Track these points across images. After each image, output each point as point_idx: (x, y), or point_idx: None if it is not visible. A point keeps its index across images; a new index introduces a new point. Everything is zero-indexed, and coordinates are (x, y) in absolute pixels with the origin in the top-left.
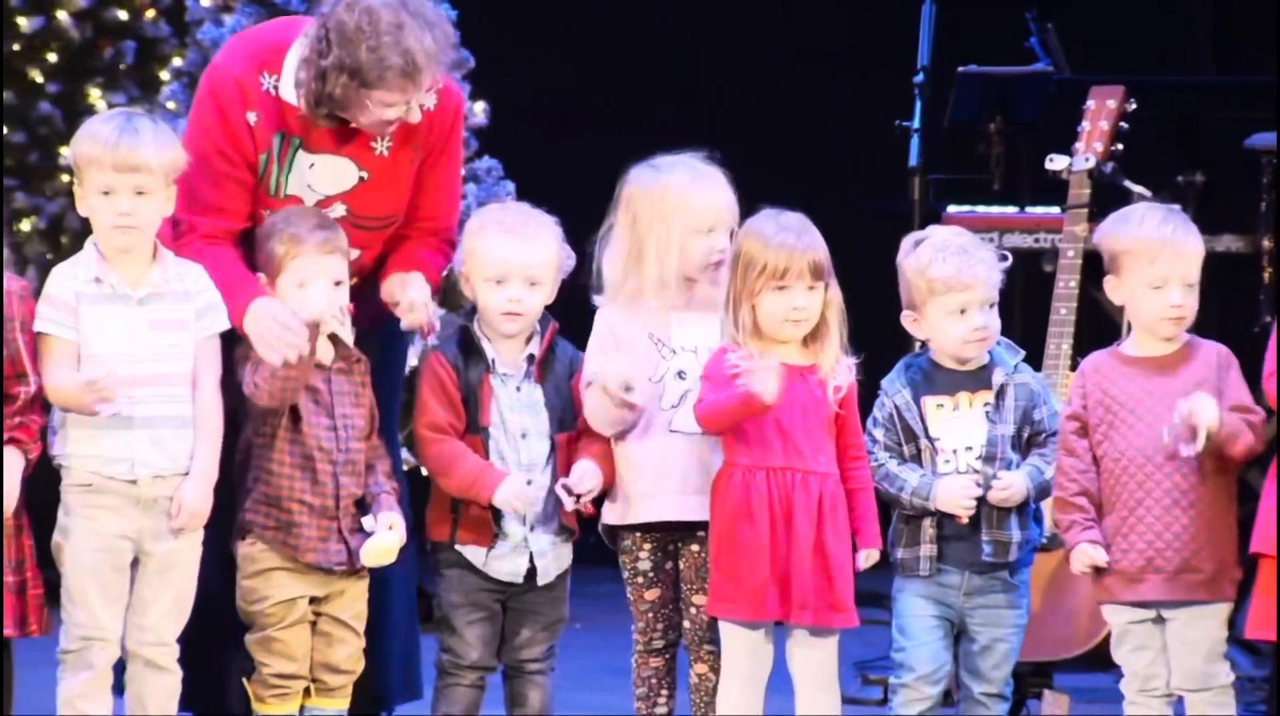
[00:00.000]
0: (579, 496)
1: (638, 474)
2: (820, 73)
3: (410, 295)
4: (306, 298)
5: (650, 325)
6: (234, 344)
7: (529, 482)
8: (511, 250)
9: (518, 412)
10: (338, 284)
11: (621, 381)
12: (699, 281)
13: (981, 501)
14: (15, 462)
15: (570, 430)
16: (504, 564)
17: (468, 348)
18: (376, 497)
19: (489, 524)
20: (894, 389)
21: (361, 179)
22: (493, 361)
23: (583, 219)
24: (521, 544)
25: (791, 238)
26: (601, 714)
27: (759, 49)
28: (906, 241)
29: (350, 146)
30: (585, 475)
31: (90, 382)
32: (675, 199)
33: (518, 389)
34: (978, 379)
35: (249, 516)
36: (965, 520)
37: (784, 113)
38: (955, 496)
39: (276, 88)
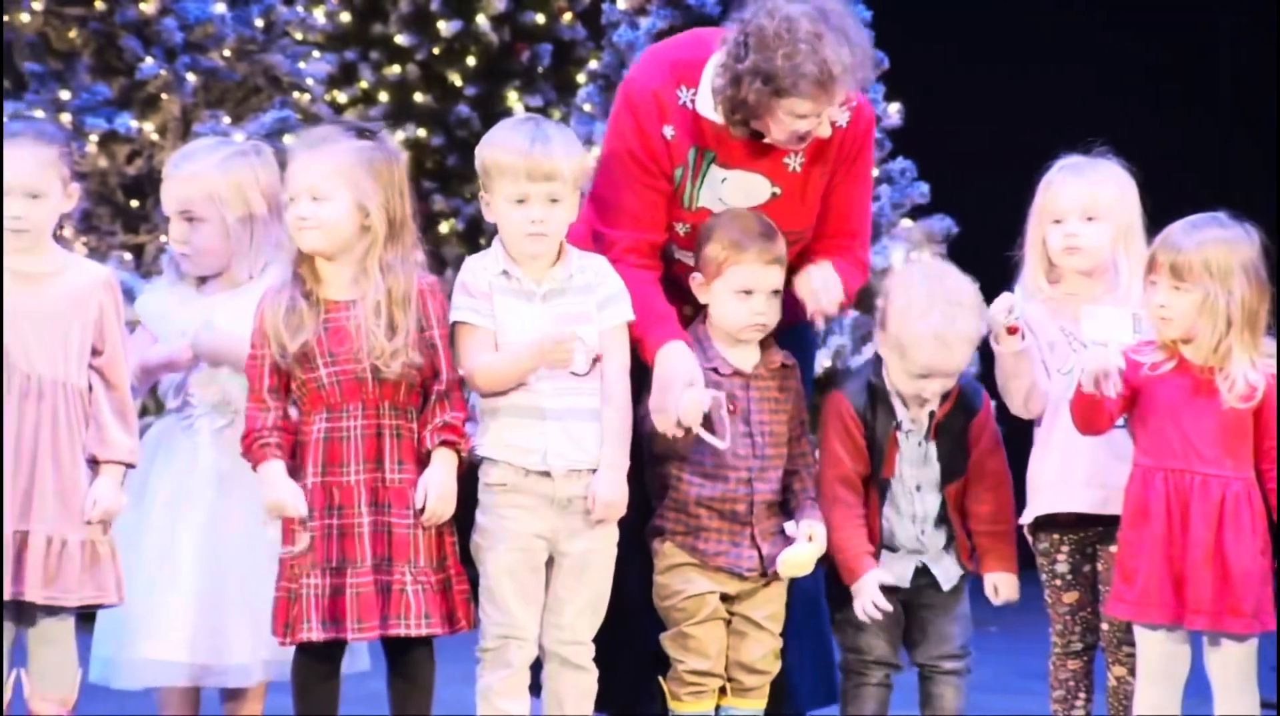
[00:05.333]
0: None
1: (1045, 467)
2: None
3: (813, 284)
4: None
5: (1063, 318)
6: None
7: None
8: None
9: (915, 467)
10: (775, 293)
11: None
12: (1094, 273)
13: None
14: (449, 463)
15: (960, 477)
16: (897, 566)
17: (874, 402)
18: (800, 504)
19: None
20: None
21: (774, 194)
22: (900, 422)
23: (1002, 228)
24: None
25: (1175, 235)
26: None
27: (1180, 51)
28: None
29: (764, 161)
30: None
31: (561, 339)
32: (1042, 190)
33: (919, 444)
34: None
35: (659, 521)
36: None
37: (1210, 115)
38: None
39: (693, 101)
